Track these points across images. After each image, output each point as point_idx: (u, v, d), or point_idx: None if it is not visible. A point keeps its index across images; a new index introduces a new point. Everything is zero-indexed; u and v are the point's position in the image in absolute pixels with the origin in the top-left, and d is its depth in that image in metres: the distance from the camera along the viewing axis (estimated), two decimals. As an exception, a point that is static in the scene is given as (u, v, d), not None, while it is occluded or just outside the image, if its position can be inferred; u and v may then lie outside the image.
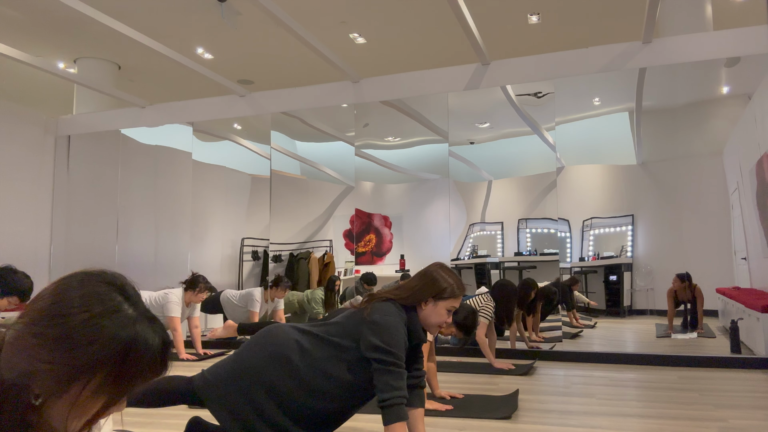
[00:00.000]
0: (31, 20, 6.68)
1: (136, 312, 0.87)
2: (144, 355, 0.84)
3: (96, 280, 0.87)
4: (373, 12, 6.55)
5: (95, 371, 0.80)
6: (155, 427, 2.80)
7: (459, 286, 2.22)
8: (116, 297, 0.86)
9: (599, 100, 5.61)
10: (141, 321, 0.86)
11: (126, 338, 0.83)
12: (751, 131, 4.85)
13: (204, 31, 7.00)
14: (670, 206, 5.16)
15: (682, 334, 4.99)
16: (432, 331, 2.26)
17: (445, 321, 2.21)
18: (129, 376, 0.83)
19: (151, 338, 0.86)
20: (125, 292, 0.89)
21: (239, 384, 2.07)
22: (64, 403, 0.81)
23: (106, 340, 0.81)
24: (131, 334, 0.84)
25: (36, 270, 6.77)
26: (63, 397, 0.80)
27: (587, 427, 2.78)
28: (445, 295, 2.18)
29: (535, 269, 5.49)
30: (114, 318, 0.83)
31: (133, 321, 0.85)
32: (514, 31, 6.99)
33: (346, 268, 6.30)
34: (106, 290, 0.86)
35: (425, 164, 6.13)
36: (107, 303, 0.84)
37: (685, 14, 5.55)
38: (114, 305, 0.85)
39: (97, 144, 7.18)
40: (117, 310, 0.85)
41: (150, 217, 6.97)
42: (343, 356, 2.07)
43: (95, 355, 0.80)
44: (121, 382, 0.83)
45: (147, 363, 0.85)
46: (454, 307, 2.21)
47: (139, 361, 0.84)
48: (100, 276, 0.88)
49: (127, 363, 0.82)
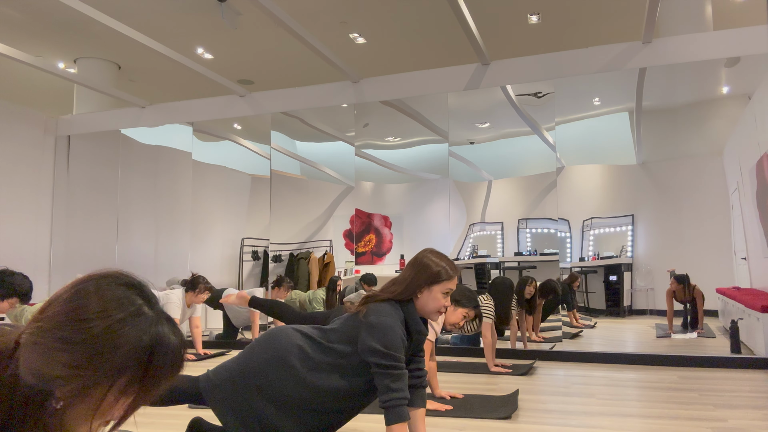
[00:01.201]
0: (31, 20, 6.68)
1: (154, 313, 0.87)
2: (166, 356, 0.85)
3: (114, 283, 0.87)
4: (373, 12, 6.55)
5: (120, 375, 0.81)
6: (155, 427, 2.80)
7: (452, 268, 2.20)
8: (136, 300, 0.86)
9: (599, 100, 5.61)
10: (161, 322, 0.87)
11: (149, 342, 0.83)
12: (751, 131, 4.85)
13: (204, 31, 7.00)
14: (670, 206, 5.16)
15: (682, 334, 5.00)
16: (433, 318, 2.24)
17: (444, 305, 2.19)
18: (154, 376, 0.84)
19: (171, 339, 0.87)
20: (143, 293, 0.89)
21: (243, 387, 2.07)
22: (87, 407, 0.81)
23: (131, 345, 0.82)
24: (154, 337, 0.84)
25: (36, 270, 6.77)
26: (85, 401, 0.80)
27: (587, 427, 2.78)
28: (440, 278, 2.16)
29: (535, 269, 5.49)
30: (136, 322, 0.84)
31: (154, 323, 0.86)
32: (514, 31, 6.99)
33: (346, 268, 6.30)
34: (125, 293, 0.86)
35: (425, 164, 6.13)
36: (128, 307, 0.84)
37: (685, 14, 5.55)
38: (135, 309, 0.85)
39: (97, 144, 7.18)
40: (138, 314, 0.85)
41: (150, 217, 6.97)
42: (343, 362, 2.07)
43: (120, 360, 0.81)
44: (146, 384, 0.83)
45: (169, 363, 0.86)
46: (450, 290, 2.19)
47: (163, 363, 0.85)
48: (118, 278, 0.88)
49: (151, 364, 0.83)
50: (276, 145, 6.44)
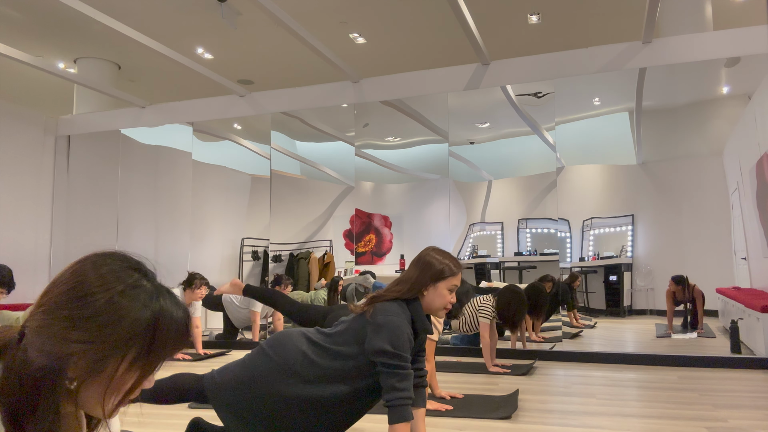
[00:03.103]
0: (31, 20, 6.68)
1: (153, 286, 0.89)
2: (171, 326, 0.87)
3: (110, 259, 0.89)
4: (373, 12, 6.55)
5: (129, 346, 0.83)
6: (155, 427, 2.80)
7: (455, 264, 2.23)
8: (133, 274, 0.88)
9: (599, 100, 5.61)
10: (162, 294, 0.88)
11: (152, 311, 0.85)
12: (751, 131, 4.85)
13: (204, 31, 7.00)
14: (670, 206, 5.16)
15: (682, 334, 5.00)
16: (439, 315, 2.25)
17: (450, 301, 2.21)
18: (160, 347, 0.85)
19: (174, 310, 0.88)
20: (141, 268, 0.91)
21: (246, 391, 2.06)
22: (100, 383, 0.83)
23: (135, 315, 0.84)
24: (156, 308, 0.86)
25: (36, 270, 6.78)
26: (99, 377, 0.82)
27: (587, 427, 2.78)
28: (444, 275, 2.18)
29: (535, 269, 5.49)
30: (136, 293, 0.86)
31: (156, 294, 0.87)
32: (514, 31, 6.99)
33: (346, 268, 6.30)
34: (121, 267, 0.88)
35: (425, 164, 6.13)
36: (126, 280, 0.86)
37: (685, 14, 5.55)
38: (133, 281, 0.87)
39: (97, 144, 7.18)
40: (137, 285, 0.87)
41: (150, 217, 6.97)
42: (350, 364, 2.06)
43: (127, 331, 0.82)
44: (152, 355, 0.85)
45: (174, 334, 0.87)
46: (455, 286, 2.21)
47: (168, 333, 0.86)
48: (113, 255, 0.91)
49: (157, 335, 0.85)
50: (276, 145, 6.44)
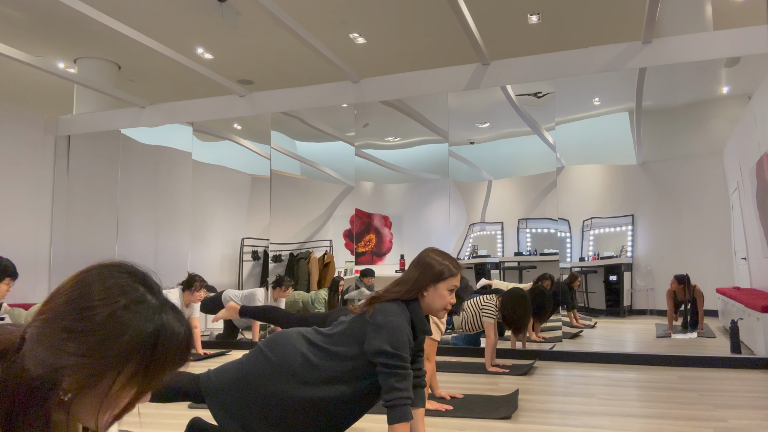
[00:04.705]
0: (31, 20, 6.68)
1: (158, 302, 0.87)
2: (171, 343, 0.85)
3: (116, 272, 0.87)
4: (373, 12, 6.55)
5: (126, 363, 0.81)
6: (155, 427, 2.80)
7: (455, 265, 2.23)
8: (139, 288, 0.86)
9: (599, 100, 5.61)
10: (165, 310, 0.87)
11: (153, 328, 0.83)
12: (751, 131, 4.85)
13: (204, 31, 7.00)
14: (670, 206, 5.16)
15: (682, 334, 4.99)
16: (440, 316, 2.25)
17: (450, 302, 2.21)
18: (158, 365, 0.84)
19: (176, 327, 0.87)
20: (146, 282, 0.89)
21: (243, 393, 2.05)
22: (95, 397, 0.81)
23: (135, 331, 0.82)
24: (158, 324, 0.84)
25: (36, 270, 6.78)
26: (93, 391, 0.81)
27: (587, 427, 2.78)
28: (444, 276, 2.18)
29: (535, 269, 5.49)
30: (139, 309, 0.84)
31: (158, 311, 0.86)
32: (514, 31, 6.99)
33: (346, 268, 6.30)
34: (127, 281, 0.86)
35: (425, 164, 6.13)
36: (131, 294, 0.85)
37: (685, 14, 5.55)
38: (138, 296, 0.85)
39: (97, 144, 7.18)
40: (141, 300, 0.85)
41: (150, 217, 6.97)
42: (348, 365, 2.05)
43: (126, 347, 0.81)
44: (151, 372, 0.83)
45: (174, 351, 0.86)
46: (455, 286, 2.21)
47: (168, 350, 0.85)
48: (120, 267, 0.88)
49: (156, 352, 0.83)
50: (276, 145, 6.44)
